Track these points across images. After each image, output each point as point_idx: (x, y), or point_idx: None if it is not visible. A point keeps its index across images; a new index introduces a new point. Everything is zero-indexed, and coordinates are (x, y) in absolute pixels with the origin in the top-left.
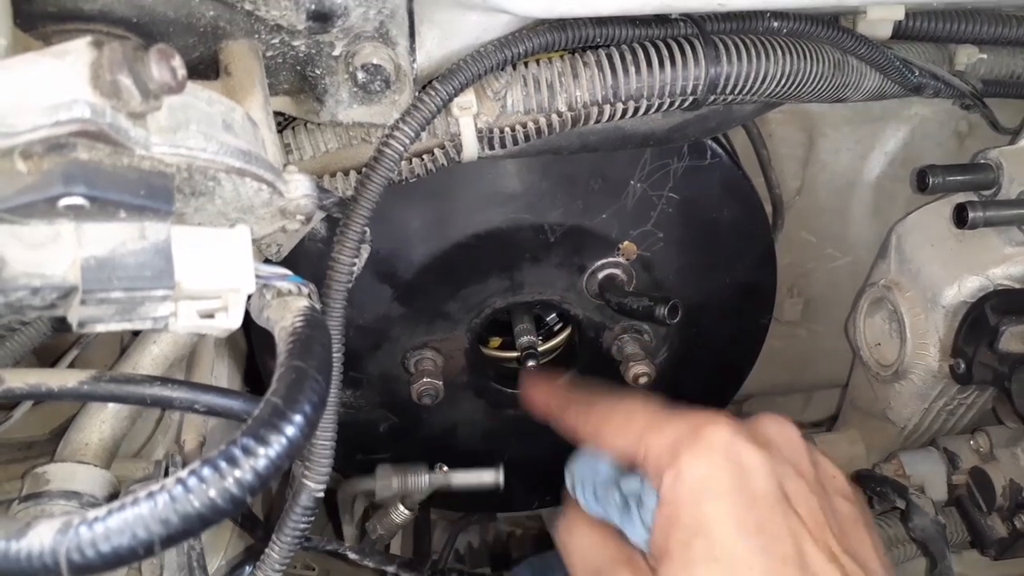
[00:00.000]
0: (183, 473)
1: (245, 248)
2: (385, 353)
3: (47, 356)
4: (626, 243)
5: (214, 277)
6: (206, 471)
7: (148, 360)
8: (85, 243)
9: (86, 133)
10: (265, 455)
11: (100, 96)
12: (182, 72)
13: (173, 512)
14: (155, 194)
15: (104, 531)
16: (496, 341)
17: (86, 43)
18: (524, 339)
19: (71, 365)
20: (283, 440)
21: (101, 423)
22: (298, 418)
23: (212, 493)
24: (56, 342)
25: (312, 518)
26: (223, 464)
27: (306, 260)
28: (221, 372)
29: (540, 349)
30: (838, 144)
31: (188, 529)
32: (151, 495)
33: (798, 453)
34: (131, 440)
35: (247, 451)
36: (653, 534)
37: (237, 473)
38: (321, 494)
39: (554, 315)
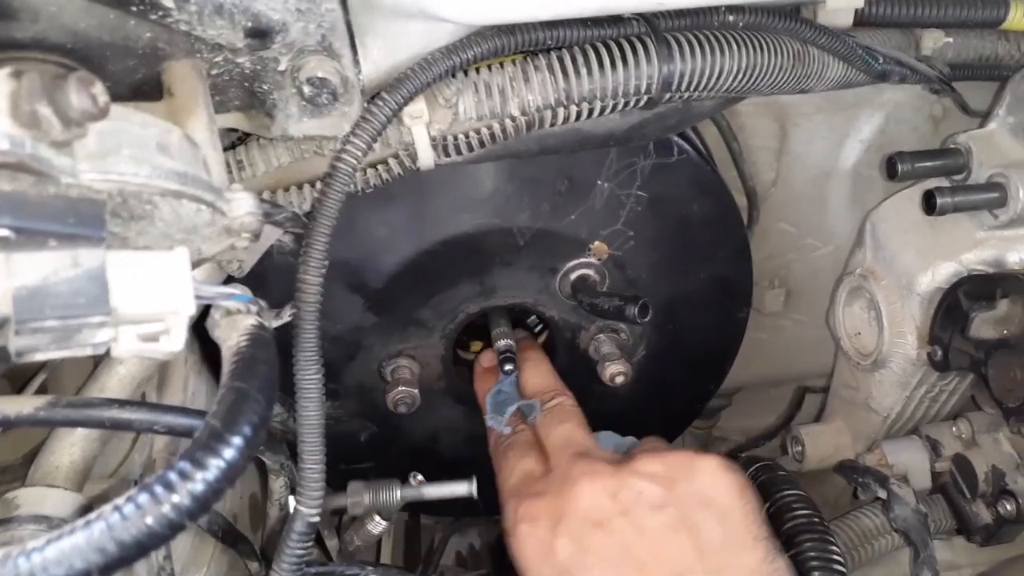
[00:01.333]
0: (120, 500)
1: (183, 270)
2: (360, 363)
3: (18, 380)
4: (596, 243)
5: (153, 300)
6: (142, 497)
7: (115, 381)
8: (15, 273)
9: (6, 165)
10: (203, 479)
11: (19, 127)
12: (103, 99)
13: (110, 540)
14: (85, 221)
15: (42, 561)
16: (477, 345)
17: (5, 74)
18: (501, 343)
19: (41, 388)
20: (221, 463)
21: (71, 446)
22: (236, 440)
23: (149, 520)
24: (26, 366)
25: (310, 543)
26: (159, 490)
27: (275, 273)
28: (199, 388)
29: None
30: (812, 134)
31: (125, 556)
32: (88, 524)
33: (595, 502)
34: (107, 460)
35: (184, 475)
36: None
37: (175, 498)
38: (316, 519)
39: (533, 317)
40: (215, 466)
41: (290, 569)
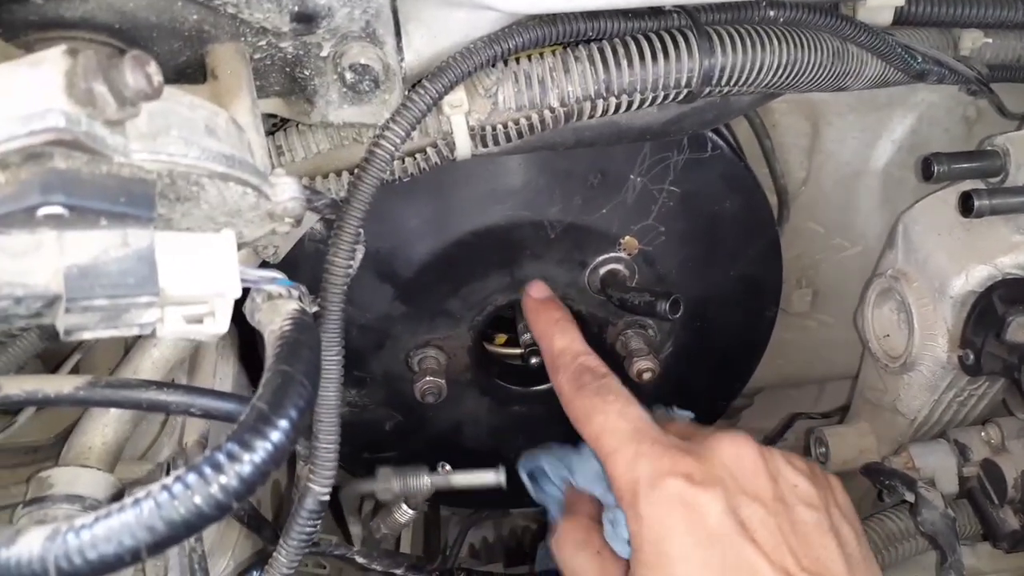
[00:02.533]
0: (169, 479)
1: (230, 252)
2: (388, 352)
3: (51, 360)
4: (627, 238)
5: (199, 282)
6: (191, 477)
7: (148, 363)
8: (67, 251)
9: (62, 142)
10: (250, 460)
11: (75, 104)
12: (158, 78)
13: (159, 519)
14: (136, 201)
15: (91, 538)
16: (502, 338)
17: (61, 52)
18: (527, 336)
19: (74, 369)
20: (268, 445)
21: (104, 427)
22: (283, 423)
23: (197, 499)
24: (60, 347)
25: (319, 521)
26: (208, 470)
27: (305, 260)
28: (226, 373)
29: None
30: (844, 133)
31: (174, 535)
32: (137, 502)
33: (754, 475)
34: (136, 442)
35: (232, 457)
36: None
37: (223, 479)
38: (327, 498)
39: None
40: (262, 448)
41: (297, 546)
